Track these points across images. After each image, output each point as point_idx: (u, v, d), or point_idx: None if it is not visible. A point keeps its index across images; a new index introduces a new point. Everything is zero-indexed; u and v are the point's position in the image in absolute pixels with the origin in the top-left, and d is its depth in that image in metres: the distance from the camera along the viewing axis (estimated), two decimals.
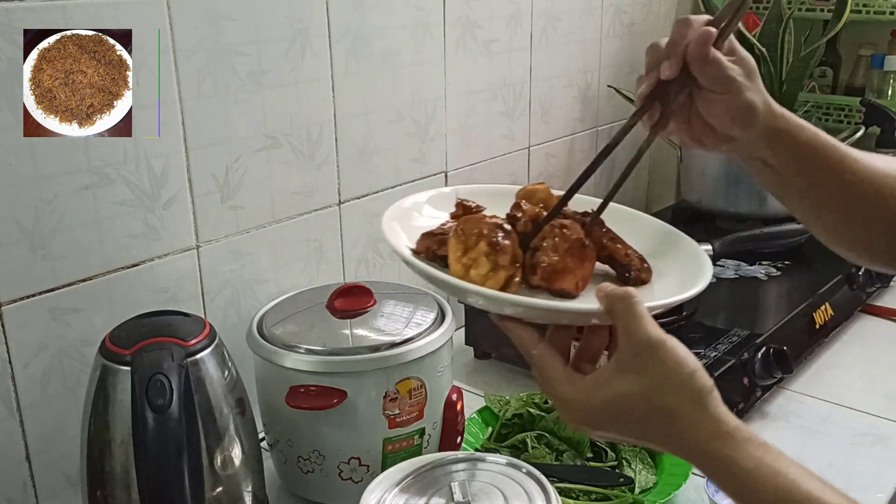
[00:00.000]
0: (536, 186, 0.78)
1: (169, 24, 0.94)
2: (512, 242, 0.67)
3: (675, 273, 0.74)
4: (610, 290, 0.63)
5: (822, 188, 0.76)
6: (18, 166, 0.84)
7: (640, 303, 0.61)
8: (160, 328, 0.82)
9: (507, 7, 1.39)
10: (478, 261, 0.65)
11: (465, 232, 0.67)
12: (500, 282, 0.65)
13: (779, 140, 0.74)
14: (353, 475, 0.96)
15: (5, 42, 0.81)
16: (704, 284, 0.70)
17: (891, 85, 1.79)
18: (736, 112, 0.71)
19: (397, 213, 0.76)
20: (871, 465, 1.08)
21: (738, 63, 0.71)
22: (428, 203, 0.80)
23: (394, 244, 0.70)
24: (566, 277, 0.67)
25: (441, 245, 0.69)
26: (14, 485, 0.91)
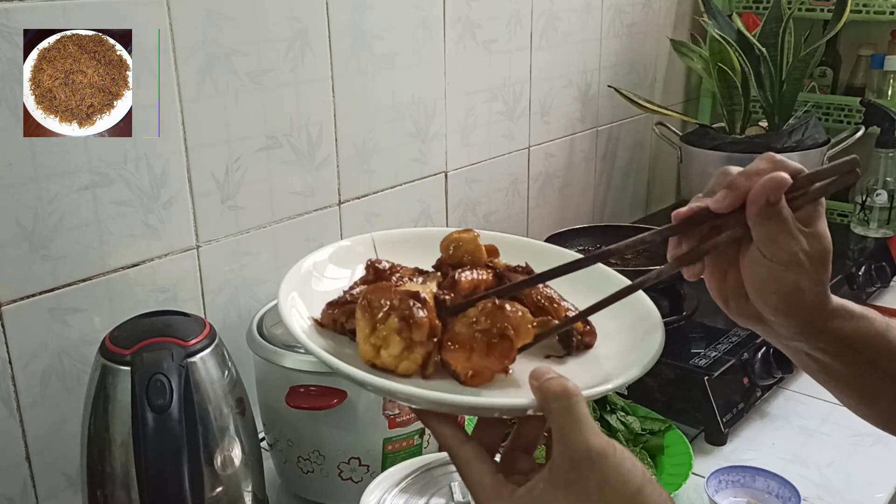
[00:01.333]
0: (462, 235, 0.66)
1: (169, 24, 0.94)
2: (429, 313, 0.57)
3: (623, 330, 0.64)
4: (544, 380, 0.52)
5: (874, 377, 0.65)
6: (18, 166, 0.84)
7: (579, 402, 0.51)
8: (160, 328, 0.82)
9: (507, 7, 1.39)
10: (389, 339, 0.56)
11: (373, 304, 0.57)
12: (416, 362, 0.56)
13: (822, 337, 0.62)
14: (353, 475, 0.96)
15: (5, 42, 0.81)
16: (658, 348, 0.59)
17: (891, 85, 1.79)
18: (778, 289, 0.59)
19: (296, 280, 0.65)
20: (871, 465, 1.08)
21: (808, 237, 0.58)
22: (331, 261, 0.69)
23: (288, 322, 0.59)
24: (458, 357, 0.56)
25: (350, 316, 0.59)
26: (14, 485, 0.91)
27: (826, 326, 0.62)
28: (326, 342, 0.60)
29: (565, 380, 0.52)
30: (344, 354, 0.58)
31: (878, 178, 1.68)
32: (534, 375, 0.52)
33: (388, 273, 0.64)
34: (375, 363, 0.57)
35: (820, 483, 1.04)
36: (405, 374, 0.56)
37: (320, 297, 0.63)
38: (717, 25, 1.60)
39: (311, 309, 0.63)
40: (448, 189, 1.38)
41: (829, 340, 0.62)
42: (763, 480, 1.00)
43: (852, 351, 0.63)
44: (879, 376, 0.65)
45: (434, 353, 0.57)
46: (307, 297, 0.64)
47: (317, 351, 0.56)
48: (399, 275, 0.64)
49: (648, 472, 0.53)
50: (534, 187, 1.57)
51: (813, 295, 0.60)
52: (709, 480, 0.99)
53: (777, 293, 0.59)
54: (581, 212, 1.71)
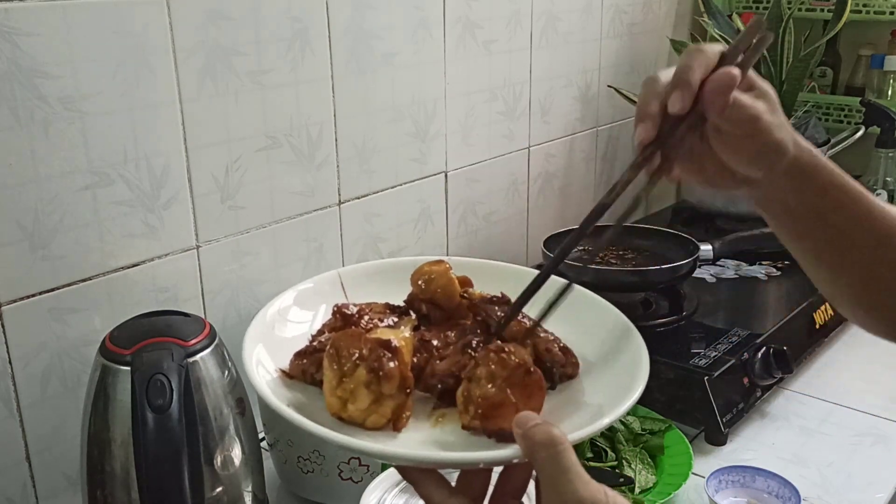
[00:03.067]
0: (433, 268, 0.63)
1: (169, 24, 0.94)
2: (400, 364, 0.53)
3: (606, 359, 0.62)
4: (528, 428, 0.50)
5: (842, 242, 0.68)
6: (18, 166, 0.84)
7: (566, 450, 0.49)
8: (160, 328, 0.82)
9: (507, 7, 1.39)
10: (356, 392, 0.52)
11: (341, 353, 0.53)
12: (385, 415, 0.53)
13: (803, 176, 0.65)
14: (353, 475, 0.96)
15: (5, 42, 0.81)
16: (641, 384, 0.57)
17: (891, 85, 1.79)
18: (761, 153, 0.62)
19: (261, 329, 0.62)
20: (871, 465, 1.08)
21: (760, 98, 0.62)
22: (295, 304, 0.65)
23: (252, 377, 0.56)
24: (506, 413, 0.52)
25: (319, 367, 0.56)
26: (14, 485, 0.91)
27: (807, 161, 0.65)
28: (294, 395, 0.56)
29: (550, 426, 0.50)
30: (313, 408, 0.54)
31: (878, 178, 1.68)
32: (517, 423, 0.51)
33: (357, 317, 0.61)
34: (342, 416, 0.53)
35: (820, 483, 1.04)
36: (373, 428, 0.53)
37: (288, 345, 0.60)
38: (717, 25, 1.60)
39: (279, 358, 0.60)
40: (448, 189, 1.38)
41: (812, 183, 0.65)
42: (763, 480, 1.00)
43: (827, 201, 0.66)
44: (851, 241, 0.67)
45: (405, 405, 0.54)
46: (274, 346, 0.60)
47: (280, 407, 0.53)
48: (368, 317, 0.61)
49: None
50: (534, 187, 1.57)
51: (790, 140, 0.63)
52: (709, 480, 0.99)
53: (761, 156, 0.62)
54: (581, 212, 1.70)
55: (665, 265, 1.30)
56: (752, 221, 1.60)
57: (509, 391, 0.52)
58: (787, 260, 1.50)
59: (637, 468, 1.02)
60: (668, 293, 1.36)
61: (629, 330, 0.64)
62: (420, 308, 0.64)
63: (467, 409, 0.53)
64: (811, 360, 1.32)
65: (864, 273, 0.70)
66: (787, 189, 0.66)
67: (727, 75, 0.58)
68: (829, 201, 0.66)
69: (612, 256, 1.43)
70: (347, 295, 0.68)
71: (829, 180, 0.66)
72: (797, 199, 0.66)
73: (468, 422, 0.53)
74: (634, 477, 1.00)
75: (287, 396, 0.56)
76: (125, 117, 0.92)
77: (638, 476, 1.01)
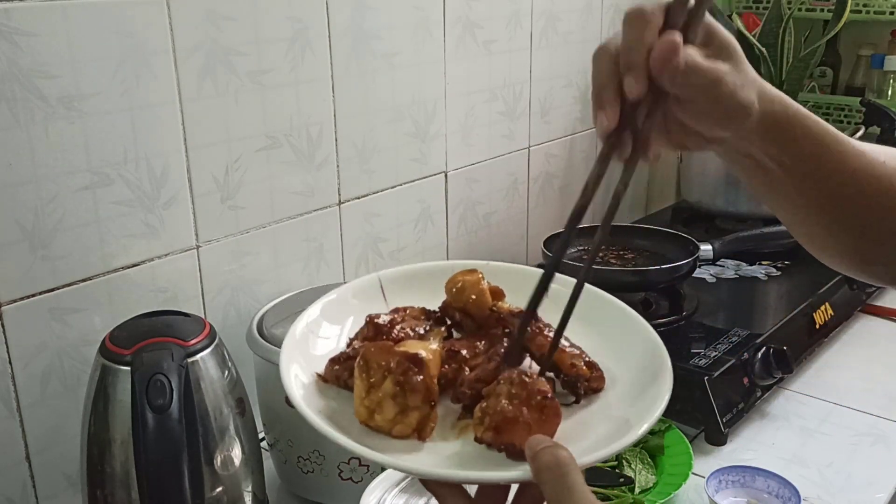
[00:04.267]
0: (466, 277, 0.64)
1: (169, 24, 0.94)
2: (426, 378, 0.56)
3: (631, 371, 0.62)
4: (538, 451, 0.51)
5: (816, 191, 0.65)
6: (18, 166, 0.84)
7: (571, 472, 0.50)
8: (160, 328, 0.82)
9: (507, 7, 1.39)
10: (383, 404, 0.55)
11: (370, 364, 0.56)
12: (410, 426, 0.55)
13: (774, 130, 0.61)
14: (353, 475, 0.96)
15: (5, 42, 0.81)
16: (666, 396, 0.57)
17: (891, 85, 1.79)
18: (727, 116, 0.58)
19: (292, 343, 0.63)
20: (871, 465, 1.08)
21: (720, 54, 0.56)
22: (322, 316, 0.66)
23: (286, 384, 0.58)
24: (518, 430, 0.54)
25: (352, 373, 0.59)
26: (14, 485, 0.91)
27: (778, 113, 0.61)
28: (327, 402, 0.59)
29: (558, 449, 0.51)
30: (344, 414, 0.57)
31: None
32: (528, 445, 0.52)
33: (388, 327, 0.62)
34: (370, 425, 0.56)
35: (820, 483, 1.04)
36: (400, 437, 0.56)
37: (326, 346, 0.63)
38: None
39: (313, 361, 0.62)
40: (448, 189, 1.38)
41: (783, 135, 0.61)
42: (763, 480, 1.00)
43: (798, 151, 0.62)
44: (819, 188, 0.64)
45: (430, 417, 0.56)
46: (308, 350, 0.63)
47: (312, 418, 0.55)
48: (400, 326, 0.63)
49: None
50: (534, 187, 1.57)
51: (757, 94, 0.58)
52: (709, 480, 0.99)
53: (728, 117, 0.57)
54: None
55: (665, 265, 1.30)
56: (752, 221, 1.60)
57: (524, 410, 0.54)
58: (787, 260, 1.50)
59: (637, 468, 1.02)
60: (668, 293, 1.36)
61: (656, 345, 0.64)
62: (454, 315, 0.65)
63: (482, 422, 0.55)
64: (811, 360, 1.32)
65: (851, 222, 0.67)
66: (758, 143, 0.62)
67: (667, 44, 0.52)
68: (805, 151, 0.62)
69: (612, 256, 1.43)
70: (387, 297, 0.69)
71: (804, 130, 0.62)
72: (766, 151, 0.62)
73: (481, 433, 0.55)
74: (634, 477, 1.00)
75: (320, 403, 0.58)
76: (125, 117, 0.92)
77: (638, 476, 1.01)
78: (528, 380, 0.55)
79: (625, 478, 0.99)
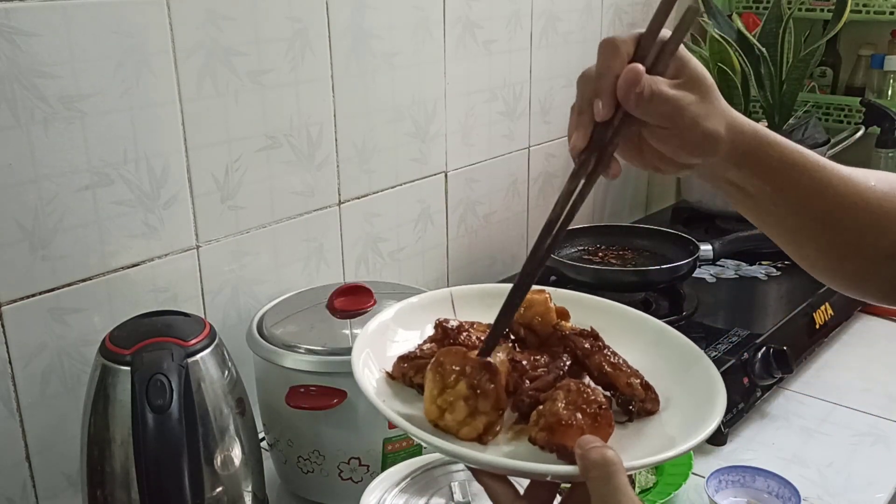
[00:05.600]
0: (534, 297, 0.67)
1: (169, 24, 0.94)
2: (497, 386, 0.59)
3: (683, 398, 0.64)
4: (587, 449, 0.54)
5: (802, 215, 0.66)
6: (18, 166, 0.84)
7: (618, 472, 0.53)
8: (160, 328, 0.82)
9: (507, 7, 1.39)
10: (455, 405, 0.58)
11: (444, 368, 0.59)
12: (477, 429, 0.58)
13: (747, 160, 0.63)
14: (353, 475, 0.96)
15: (5, 42, 0.81)
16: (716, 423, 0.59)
17: (891, 85, 1.79)
18: (693, 144, 0.60)
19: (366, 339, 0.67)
20: (871, 465, 1.08)
21: (688, 86, 0.59)
22: (394, 321, 0.71)
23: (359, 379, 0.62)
24: (570, 433, 0.56)
25: (418, 372, 0.62)
26: (14, 485, 0.91)
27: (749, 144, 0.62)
28: (394, 396, 0.63)
29: (607, 449, 0.53)
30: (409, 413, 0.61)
31: None
32: (579, 444, 0.54)
33: (456, 332, 0.66)
34: (438, 424, 0.59)
35: (820, 483, 1.04)
36: (465, 438, 0.58)
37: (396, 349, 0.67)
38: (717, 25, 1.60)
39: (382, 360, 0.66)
40: (448, 189, 1.38)
41: (757, 163, 0.62)
42: (763, 480, 1.00)
43: (776, 179, 0.63)
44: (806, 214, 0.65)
45: (496, 422, 0.59)
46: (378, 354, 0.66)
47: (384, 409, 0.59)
48: (467, 333, 0.66)
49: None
50: (534, 187, 1.57)
51: (724, 126, 0.60)
52: (709, 480, 0.99)
53: (693, 147, 0.60)
54: (581, 212, 1.70)
55: (665, 265, 1.30)
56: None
57: (578, 415, 0.57)
58: (787, 260, 1.49)
59: None
60: (668, 293, 1.36)
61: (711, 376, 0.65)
62: (518, 331, 0.68)
63: (537, 422, 0.58)
64: (811, 360, 1.32)
65: (843, 245, 0.67)
66: (734, 171, 0.63)
67: (630, 72, 0.57)
68: (782, 179, 0.64)
69: (612, 256, 1.43)
70: (456, 312, 0.73)
71: (780, 159, 0.63)
72: (744, 179, 0.64)
73: (535, 433, 0.57)
74: (634, 477, 1.00)
75: (388, 397, 0.62)
76: (125, 117, 0.92)
77: (638, 476, 1.01)
78: (586, 389, 0.58)
79: None
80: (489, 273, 1.49)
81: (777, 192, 0.64)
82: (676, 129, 0.59)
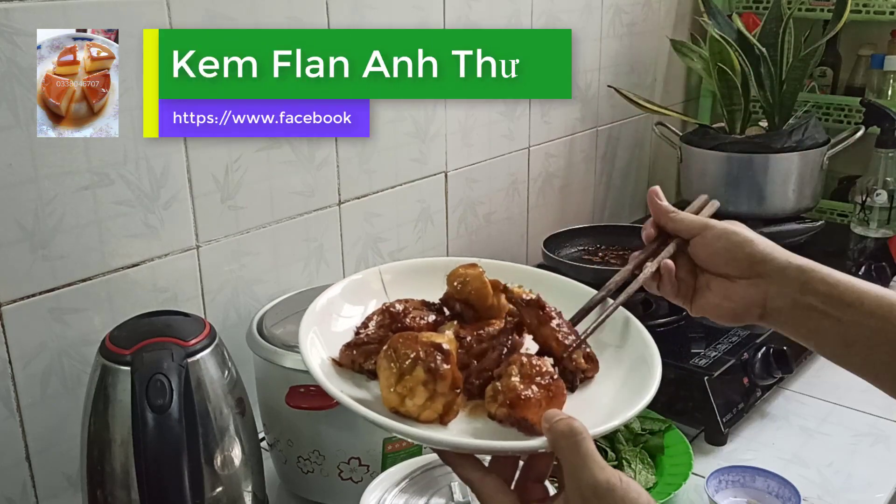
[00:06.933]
0: (468, 271, 0.69)
1: (169, 24, 0.94)
2: (451, 365, 0.60)
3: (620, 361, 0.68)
4: (554, 422, 0.57)
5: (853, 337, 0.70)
6: (18, 166, 0.84)
7: (585, 440, 0.56)
8: (160, 328, 0.82)
9: (507, 7, 1.39)
10: (415, 390, 0.59)
11: (399, 354, 0.60)
12: (437, 411, 0.60)
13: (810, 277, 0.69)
14: (353, 475, 0.96)
15: (5, 42, 0.81)
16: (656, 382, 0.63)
17: (891, 85, 1.79)
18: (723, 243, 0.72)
19: (313, 318, 0.68)
20: (871, 465, 1.08)
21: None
22: (342, 297, 0.72)
23: (308, 363, 0.62)
24: (529, 405, 0.59)
25: (367, 357, 0.63)
26: (14, 485, 0.91)
27: (808, 266, 0.70)
28: (345, 383, 0.63)
29: (572, 420, 0.57)
30: (363, 398, 0.62)
31: (878, 178, 1.68)
32: (545, 418, 0.58)
33: (402, 315, 0.67)
34: (399, 410, 0.60)
35: (820, 483, 1.04)
36: (426, 422, 0.60)
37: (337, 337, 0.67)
38: (717, 25, 1.60)
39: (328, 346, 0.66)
40: (448, 189, 1.38)
41: (815, 289, 0.69)
42: (763, 480, 1.00)
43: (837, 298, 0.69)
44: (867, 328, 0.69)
45: (454, 402, 0.60)
46: (324, 336, 0.67)
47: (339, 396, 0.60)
48: (411, 316, 0.67)
49: (653, 500, 0.58)
50: (534, 187, 1.57)
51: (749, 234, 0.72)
52: (709, 480, 0.99)
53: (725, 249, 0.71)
54: (581, 212, 1.71)
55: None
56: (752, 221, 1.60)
57: (534, 387, 0.59)
58: None
59: (637, 468, 1.02)
60: None
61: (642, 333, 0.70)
62: (454, 307, 0.69)
63: (495, 399, 0.60)
64: (811, 360, 1.32)
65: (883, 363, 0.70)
66: (797, 291, 0.69)
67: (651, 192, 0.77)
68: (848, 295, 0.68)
69: (612, 256, 1.43)
70: (387, 290, 0.74)
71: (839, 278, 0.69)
72: (813, 299, 0.69)
73: (495, 410, 0.59)
74: (634, 477, 1.00)
75: (340, 385, 0.62)
76: (125, 117, 0.92)
77: (638, 476, 1.01)
78: (535, 361, 0.61)
79: None
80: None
81: (838, 317, 0.69)
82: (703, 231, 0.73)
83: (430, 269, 0.72)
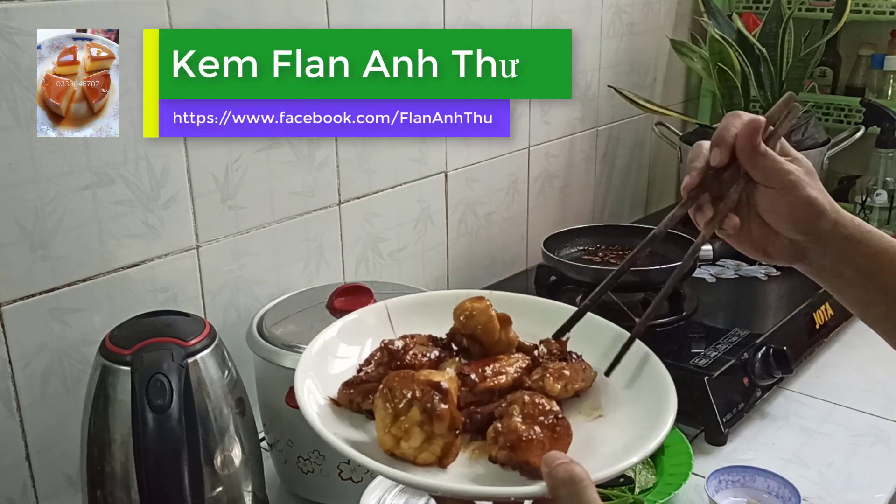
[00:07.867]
0: (475, 304, 0.66)
1: (169, 23, 0.94)
2: (450, 405, 0.57)
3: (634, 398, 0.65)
4: (554, 467, 0.54)
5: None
6: (18, 166, 0.84)
7: (587, 488, 0.53)
8: (160, 328, 0.82)
9: (507, 7, 1.39)
10: (410, 431, 0.56)
11: (394, 393, 0.57)
12: (435, 454, 0.57)
13: (851, 245, 0.68)
14: (353, 475, 0.96)
15: (5, 42, 0.81)
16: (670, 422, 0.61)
17: (891, 85, 1.79)
18: (797, 210, 0.66)
19: (308, 362, 0.65)
20: (871, 465, 1.08)
21: (795, 163, 0.67)
22: (339, 338, 0.69)
23: (303, 406, 0.59)
24: (531, 448, 0.56)
25: (365, 397, 0.61)
26: (14, 485, 0.91)
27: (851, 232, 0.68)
28: (342, 424, 0.61)
29: (573, 464, 0.54)
30: (360, 440, 0.59)
31: (878, 178, 1.68)
32: (545, 462, 0.55)
33: (402, 352, 0.64)
34: (395, 453, 0.57)
35: (820, 483, 1.04)
36: (423, 464, 0.57)
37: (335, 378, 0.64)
38: (717, 25, 1.60)
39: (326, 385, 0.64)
40: (448, 189, 1.38)
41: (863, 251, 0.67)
42: (763, 480, 1.00)
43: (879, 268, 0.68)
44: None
45: (453, 444, 0.57)
46: (322, 374, 0.64)
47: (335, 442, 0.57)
48: (413, 352, 0.64)
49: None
50: (534, 187, 1.57)
51: (827, 203, 0.67)
52: (709, 480, 0.99)
53: (797, 213, 0.67)
54: (581, 212, 1.71)
55: (665, 265, 1.30)
56: None
57: (537, 428, 0.56)
58: None
59: (637, 468, 1.02)
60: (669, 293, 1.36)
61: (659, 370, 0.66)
62: (461, 342, 0.67)
63: (496, 441, 0.57)
64: (811, 360, 1.32)
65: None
66: (836, 258, 0.68)
67: (753, 121, 0.66)
68: (883, 266, 0.68)
69: (612, 256, 1.43)
70: (394, 326, 0.71)
71: (880, 247, 0.68)
72: (848, 266, 0.68)
73: (496, 452, 0.56)
74: (634, 477, 1.00)
75: (336, 427, 0.60)
76: (125, 117, 0.92)
77: (638, 476, 1.01)
78: (539, 400, 0.58)
79: (625, 478, 0.99)
80: (489, 273, 1.49)
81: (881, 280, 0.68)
82: (783, 190, 0.66)
83: (439, 304, 0.69)
